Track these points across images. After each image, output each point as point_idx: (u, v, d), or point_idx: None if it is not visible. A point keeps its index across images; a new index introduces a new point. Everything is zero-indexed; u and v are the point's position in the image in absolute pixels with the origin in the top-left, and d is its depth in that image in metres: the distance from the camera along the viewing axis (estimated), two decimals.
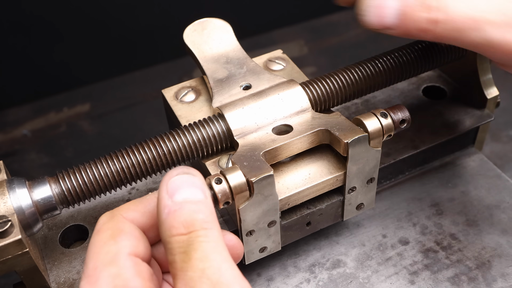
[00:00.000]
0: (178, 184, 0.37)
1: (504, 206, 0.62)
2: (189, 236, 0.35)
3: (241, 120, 0.51)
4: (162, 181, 0.37)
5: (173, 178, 0.37)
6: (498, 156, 1.14)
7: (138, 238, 0.37)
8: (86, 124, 1.29)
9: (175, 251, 0.35)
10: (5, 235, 0.43)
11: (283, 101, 0.53)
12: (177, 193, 0.36)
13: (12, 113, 1.32)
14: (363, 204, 0.55)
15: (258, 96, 0.53)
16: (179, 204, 0.36)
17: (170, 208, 0.36)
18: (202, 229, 0.35)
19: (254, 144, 0.49)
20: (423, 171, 0.66)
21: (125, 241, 0.36)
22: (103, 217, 0.39)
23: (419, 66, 0.59)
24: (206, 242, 0.35)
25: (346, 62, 0.59)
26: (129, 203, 0.40)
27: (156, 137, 0.51)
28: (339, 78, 0.56)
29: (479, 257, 0.57)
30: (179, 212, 0.36)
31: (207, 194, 0.38)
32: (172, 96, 0.59)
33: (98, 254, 0.36)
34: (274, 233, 0.51)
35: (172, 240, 0.35)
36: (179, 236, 0.35)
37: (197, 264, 0.34)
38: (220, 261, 0.34)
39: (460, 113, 0.65)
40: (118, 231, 0.37)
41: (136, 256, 0.36)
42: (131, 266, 0.35)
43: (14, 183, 0.46)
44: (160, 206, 0.36)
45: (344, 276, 0.56)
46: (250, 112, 0.52)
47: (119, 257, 0.35)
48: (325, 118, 0.52)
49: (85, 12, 1.29)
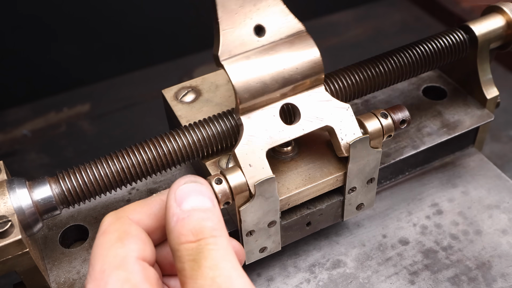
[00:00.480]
0: (186, 192, 0.37)
1: (504, 206, 0.62)
2: (199, 243, 0.35)
3: (248, 85, 0.46)
4: (170, 189, 0.37)
5: (181, 187, 0.37)
6: (498, 156, 1.14)
7: (145, 242, 0.37)
8: (86, 124, 1.29)
9: (185, 258, 0.35)
10: (5, 235, 0.43)
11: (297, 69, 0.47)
12: (185, 201, 0.37)
13: (12, 113, 1.32)
14: (363, 204, 0.55)
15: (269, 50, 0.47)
16: (187, 212, 0.36)
17: (178, 216, 0.36)
18: (211, 236, 0.35)
19: (259, 134, 0.47)
20: (423, 171, 0.66)
21: (133, 244, 0.36)
22: (108, 217, 0.38)
23: (419, 66, 0.59)
24: (215, 250, 0.35)
25: (346, 62, 0.59)
26: (134, 204, 0.40)
27: (156, 137, 0.51)
28: (339, 79, 0.56)
29: (479, 257, 0.57)
30: (187, 220, 0.36)
31: (215, 202, 0.38)
32: (172, 96, 0.59)
33: (106, 256, 0.35)
34: (274, 233, 0.51)
35: (181, 247, 0.35)
36: (188, 243, 0.35)
37: (207, 272, 0.34)
38: (230, 269, 0.34)
39: (460, 113, 0.65)
40: (125, 234, 0.37)
41: (144, 260, 0.36)
42: (140, 270, 0.35)
43: (14, 183, 0.46)
44: (169, 214, 0.36)
45: (344, 276, 0.56)
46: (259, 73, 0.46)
47: (127, 261, 0.35)
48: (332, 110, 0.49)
49: (85, 12, 1.29)
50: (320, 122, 0.48)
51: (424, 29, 1.50)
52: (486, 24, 0.62)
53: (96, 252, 0.36)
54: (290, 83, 0.47)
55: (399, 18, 1.56)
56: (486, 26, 0.62)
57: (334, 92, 0.55)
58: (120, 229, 0.37)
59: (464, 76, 0.66)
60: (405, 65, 0.58)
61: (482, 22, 0.62)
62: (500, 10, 0.62)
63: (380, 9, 1.60)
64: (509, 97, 1.22)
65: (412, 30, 1.50)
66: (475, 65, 0.63)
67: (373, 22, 1.55)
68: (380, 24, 1.54)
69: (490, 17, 0.63)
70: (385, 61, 0.58)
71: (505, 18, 0.62)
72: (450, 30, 0.62)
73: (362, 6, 1.60)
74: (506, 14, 0.62)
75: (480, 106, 0.65)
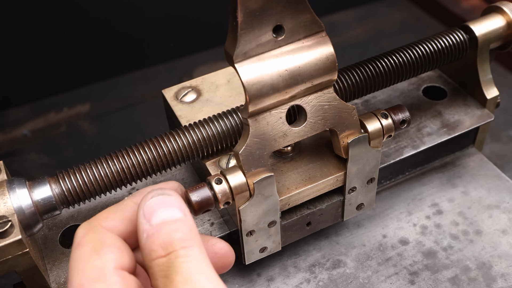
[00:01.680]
0: (154, 206, 0.36)
1: (504, 206, 0.62)
2: (168, 258, 0.34)
3: (258, 85, 0.44)
4: (139, 206, 0.36)
5: (148, 201, 0.36)
6: (498, 156, 1.14)
7: (121, 249, 0.36)
8: (86, 124, 1.29)
9: (157, 275, 0.34)
10: (5, 235, 0.43)
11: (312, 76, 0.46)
12: (154, 216, 0.35)
13: (12, 113, 1.32)
14: (363, 204, 0.55)
15: (287, 53, 0.45)
16: (156, 226, 0.35)
17: (148, 232, 0.35)
18: (181, 248, 0.34)
19: (265, 137, 0.46)
20: (423, 171, 0.66)
21: (109, 254, 0.35)
22: (81, 229, 0.37)
23: (419, 66, 0.59)
24: (186, 262, 0.33)
25: (346, 62, 0.59)
26: (106, 211, 0.38)
27: (156, 137, 0.51)
28: (339, 79, 0.56)
29: (479, 257, 0.57)
30: (157, 235, 0.34)
31: (186, 211, 0.36)
32: (172, 96, 0.59)
33: (83, 270, 0.34)
34: (274, 233, 0.51)
35: (153, 264, 0.34)
36: (158, 259, 0.34)
37: (180, 287, 0.32)
38: (204, 280, 0.33)
39: (460, 113, 0.65)
40: (100, 244, 0.35)
41: (122, 269, 0.35)
42: (119, 281, 0.34)
43: (14, 183, 0.46)
44: (139, 232, 0.35)
45: (344, 276, 0.56)
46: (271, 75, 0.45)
47: (105, 273, 0.34)
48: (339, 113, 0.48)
49: (86, 12, 1.29)
50: (324, 124, 0.48)
51: (424, 29, 1.50)
52: (486, 24, 0.62)
53: (72, 266, 0.35)
54: (302, 85, 0.46)
55: (399, 18, 1.56)
56: (486, 26, 0.62)
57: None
58: (94, 240, 0.36)
59: (464, 76, 0.66)
60: (405, 65, 0.58)
61: (482, 22, 0.62)
62: (500, 10, 0.62)
63: (380, 9, 1.60)
64: (509, 97, 1.22)
65: (412, 30, 1.51)
66: (475, 65, 0.63)
67: (373, 22, 1.55)
68: (380, 24, 1.54)
69: (490, 17, 0.63)
70: (385, 61, 0.58)
71: (505, 18, 0.62)
72: (450, 30, 0.62)
73: (362, 6, 1.60)
74: (506, 14, 0.62)
75: (480, 106, 0.65)
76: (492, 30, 0.62)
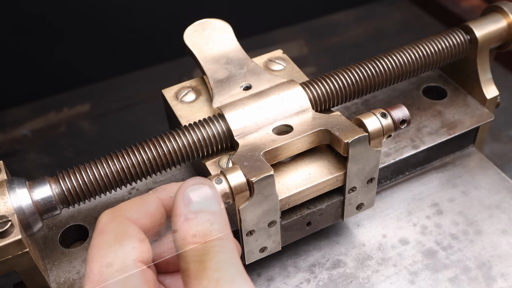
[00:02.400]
0: (194, 194, 0.37)
1: (504, 206, 0.62)
2: (205, 245, 0.35)
3: (241, 120, 0.51)
4: (179, 189, 0.37)
5: (190, 187, 0.37)
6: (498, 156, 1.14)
7: (142, 243, 0.37)
8: (86, 124, 1.29)
9: (190, 259, 0.35)
10: (5, 235, 0.43)
11: (283, 101, 0.53)
12: (193, 203, 0.37)
13: (12, 113, 1.32)
14: (363, 204, 0.55)
15: (258, 96, 0.53)
16: (195, 213, 0.36)
17: (186, 216, 0.36)
18: (217, 239, 0.35)
19: (254, 144, 0.49)
20: (423, 171, 0.66)
21: (131, 246, 0.36)
22: (105, 216, 0.37)
23: (419, 66, 0.59)
24: (221, 253, 0.35)
25: (346, 62, 0.59)
26: (130, 202, 0.39)
27: (156, 137, 0.51)
28: (339, 78, 0.56)
29: (479, 257, 0.57)
30: (195, 221, 0.36)
31: (222, 206, 0.38)
32: (172, 96, 0.59)
33: (104, 257, 0.35)
34: (274, 233, 0.51)
35: (187, 247, 0.35)
36: (195, 244, 0.35)
37: (211, 273, 0.33)
38: (234, 272, 0.34)
39: (460, 113, 0.65)
40: (123, 235, 0.36)
41: (142, 262, 0.36)
42: (139, 273, 0.35)
43: (14, 183, 0.46)
44: (176, 214, 0.36)
45: (344, 276, 0.56)
46: (250, 112, 0.52)
47: (126, 264, 0.35)
48: (325, 118, 0.52)
49: (85, 12, 1.29)
50: (313, 127, 0.51)
51: (424, 29, 1.50)
52: (486, 24, 0.62)
53: (93, 252, 0.36)
54: (280, 118, 0.52)
55: (399, 18, 1.56)
56: (486, 26, 0.62)
57: (334, 92, 0.55)
58: (117, 229, 0.36)
59: (464, 76, 0.66)
60: (405, 65, 0.58)
61: (482, 22, 0.62)
62: (501, 10, 0.62)
63: (380, 9, 1.60)
64: (509, 97, 1.22)
65: (412, 30, 1.51)
66: (475, 65, 0.63)
67: (373, 22, 1.55)
68: (380, 24, 1.54)
69: (490, 17, 0.63)
70: (385, 61, 0.58)
71: (506, 18, 0.62)
72: (450, 30, 0.62)
73: (362, 6, 1.61)
74: (506, 14, 0.62)
75: (480, 106, 0.65)
76: (492, 30, 0.62)
